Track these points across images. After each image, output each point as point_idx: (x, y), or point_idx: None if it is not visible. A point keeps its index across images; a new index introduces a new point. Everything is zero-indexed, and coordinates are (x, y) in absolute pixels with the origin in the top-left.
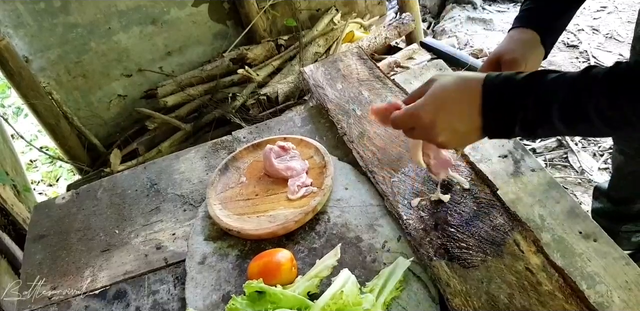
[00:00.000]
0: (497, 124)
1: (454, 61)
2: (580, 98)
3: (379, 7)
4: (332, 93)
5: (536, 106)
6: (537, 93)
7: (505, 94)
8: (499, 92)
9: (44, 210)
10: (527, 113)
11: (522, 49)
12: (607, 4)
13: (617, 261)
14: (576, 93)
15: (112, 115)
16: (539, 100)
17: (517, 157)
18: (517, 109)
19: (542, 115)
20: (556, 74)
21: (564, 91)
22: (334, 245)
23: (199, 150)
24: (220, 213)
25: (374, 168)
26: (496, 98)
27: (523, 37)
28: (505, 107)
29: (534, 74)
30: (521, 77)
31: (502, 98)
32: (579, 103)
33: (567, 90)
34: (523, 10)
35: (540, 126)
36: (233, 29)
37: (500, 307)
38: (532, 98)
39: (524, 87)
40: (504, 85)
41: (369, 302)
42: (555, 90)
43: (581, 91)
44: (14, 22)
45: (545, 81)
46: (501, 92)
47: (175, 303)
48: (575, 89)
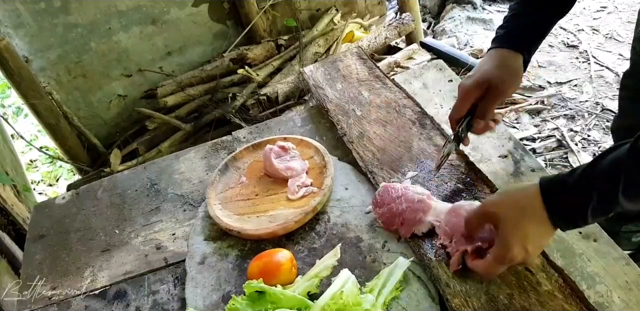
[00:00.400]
0: (569, 225)
1: (454, 61)
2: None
3: (379, 7)
4: (332, 94)
5: (601, 200)
6: (598, 190)
7: (568, 201)
8: (561, 202)
9: (44, 210)
10: (596, 210)
11: (510, 76)
12: (607, 4)
13: (617, 261)
14: (634, 173)
15: (112, 115)
16: (602, 195)
17: (517, 157)
18: (585, 211)
19: (610, 204)
20: (604, 160)
21: (620, 174)
22: (334, 245)
23: (199, 150)
24: (220, 213)
25: (374, 169)
26: (561, 208)
27: (510, 64)
28: (573, 212)
29: (585, 172)
30: (574, 178)
31: (566, 206)
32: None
33: (623, 173)
34: (508, 29)
35: (610, 210)
36: (233, 29)
37: (500, 307)
38: (595, 195)
39: (582, 188)
40: (563, 191)
41: (369, 302)
42: (613, 177)
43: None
44: (14, 22)
45: (597, 173)
46: (563, 200)
47: (175, 303)
48: (630, 170)
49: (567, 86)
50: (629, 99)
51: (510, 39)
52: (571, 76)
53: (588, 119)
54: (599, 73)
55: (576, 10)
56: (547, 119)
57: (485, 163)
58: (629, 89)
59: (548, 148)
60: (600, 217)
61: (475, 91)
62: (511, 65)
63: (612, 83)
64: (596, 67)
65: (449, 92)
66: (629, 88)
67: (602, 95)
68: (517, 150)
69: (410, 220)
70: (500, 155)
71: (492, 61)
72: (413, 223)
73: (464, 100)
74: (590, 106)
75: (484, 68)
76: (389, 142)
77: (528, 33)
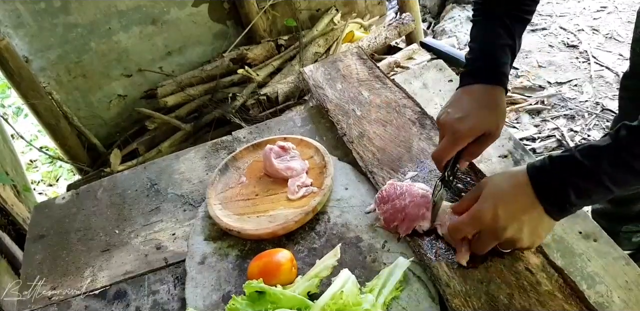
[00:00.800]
0: (555, 201)
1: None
2: (622, 158)
3: (379, 7)
4: (332, 94)
5: (586, 177)
6: (581, 165)
7: (553, 177)
8: (546, 178)
9: (44, 210)
10: (579, 185)
11: (502, 118)
12: (607, 4)
13: (617, 261)
14: (617, 155)
15: (112, 115)
16: (584, 171)
17: (517, 157)
18: (568, 185)
19: (595, 183)
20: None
21: (606, 157)
22: (334, 245)
23: (199, 150)
24: (220, 213)
25: (374, 169)
26: (546, 183)
27: (500, 103)
28: (557, 187)
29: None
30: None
31: (551, 181)
32: (624, 163)
33: (608, 156)
34: (485, 58)
35: (595, 192)
36: (233, 29)
37: (500, 307)
38: (578, 171)
39: (568, 166)
40: (550, 170)
41: (369, 302)
42: (599, 161)
43: (620, 151)
44: (14, 22)
45: (583, 155)
46: (549, 177)
47: (175, 303)
48: (615, 153)
49: (567, 86)
50: (629, 100)
51: (492, 72)
52: (571, 76)
53: (588, 119)
54: (599, 73)
55: (576, 10)
56: (547, 119)
57: (485, 163)
58: (629, 90)
59: (548, 148)
60: (586, 199)
61: (470, 137)
62: (501, 105)
63: (612, 83)
64: (596, 67)
65: (449, 92)
66: (628, 89)
67: (602, 95)
68: (517, 150)
69: (413, 216)
70: (500, 155)
71: (483, 102)
72: (415, 218)
73: (456, 144)
74: (590, 106)
75: (476, 111)
76: (389, 141)
77: (504, 60)
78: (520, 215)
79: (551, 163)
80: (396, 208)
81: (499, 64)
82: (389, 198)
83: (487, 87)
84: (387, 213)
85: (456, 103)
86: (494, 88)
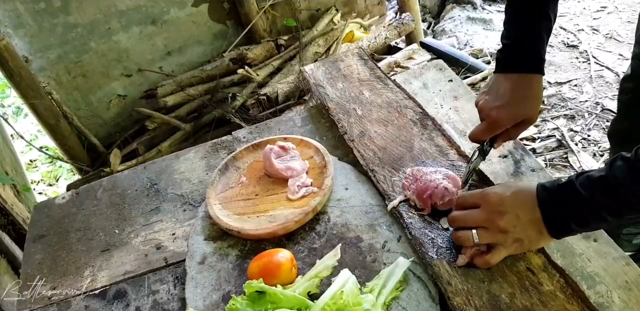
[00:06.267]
0: (557, 225)
1: (454, 61)
2: (616, 189)
3: (378, 7)
4: (332, 93)
5: (583, 206)
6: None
7: (555, 203)
8: (550, 203)
9: (44, 210)
10: (577, 214)
11: (539, 104)
12: (607, 4)
13: (617, 261)
14: (610, 187)
15: (112, 115)
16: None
17: (517, 157)
18: (568, 214)
19: (591, 213)
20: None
21: (599, 188)
22: (334, 245)
23: (199, 150)
24: (220, 213)
25: (375, 168)
26: (550, 207)
27: (539, 91)
28: (559, 213)
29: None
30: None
31: (553, 207)
32: (617, 194)
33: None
34: (523, 46)
35: (592, 221)
36: (233, 29)
37: (502, 306)
38: (578, 200)
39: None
40: (553, 196)
41: (369, 302)
42: (594, 192)
43: (613, 183)
44: (14, 22)
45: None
46: (552, 202)
47: (175, 303)
48: (608, 185)
49: (567, 86)
50: (628, 101)
51: (530, 60)
52: (571, 76)
53: (588, 119)
54: (599, 73)
55: (576, 10)
56: (547, 119)
57: (485, 163)
58: (629, 92)
59: (548, 148)
60: (585, 227)
61: (509, 123)
62: (539, 92)
63: (612, 83)
64: (596, 67)
65: (449, 92)
66: (628, 91)
67: (602, 95)
68: (517, 150)
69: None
70: (500, 155)
71: (521, 91)
72: (445, 194)
73: (494, 130)
74: (590, 106)
75: (515, 100)
76: (390, 141)
77: (541, 44)
78: (522, 212)
79: (556, 189)
80: (428, 180)
81: (535, 50)
82: (416, 177)
83: (526, 76)
84: (420, 185)
85: (495, 89)
86: (532, 76)
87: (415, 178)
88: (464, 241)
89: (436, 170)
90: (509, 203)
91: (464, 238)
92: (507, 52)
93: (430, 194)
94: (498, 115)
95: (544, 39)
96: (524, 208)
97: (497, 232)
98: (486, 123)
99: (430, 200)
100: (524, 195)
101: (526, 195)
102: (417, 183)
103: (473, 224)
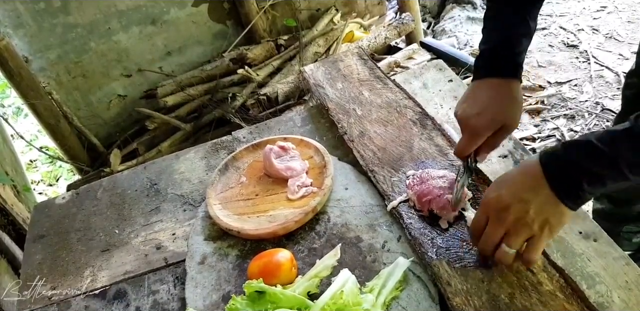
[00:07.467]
0: (566, 187)
1: (453, 61)
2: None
3: (378, 7)
4: (332, 93)
5: (602, 162)
6: (597, 149)
7: (565, 162)
8: (558, 163)
9: (44, 210)
10: (594, 170)
11: (519, 111)
12: (607, 4)
13: (617, 261)
14: (637, 140)
15: (112, 115)
16: (599, 155)
17: (517, 157)
18: (580, 168)
19: (610, 168)
20: (599, 131)
21: (625, 141)
22: (334, 245)
23: (199, 150)
24: (220, 213)
25: (375, 168)
26: (557, 168)
27: (517, 96)
28: (570, 172)
29: (582, 138)
30: (572, 142)
31: (563, 166)
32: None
33: (629, 143)
34: (499, 51)
35: (610, 178)
36: (233, 29)
37: (501, 307)
38: (592, 155)
39: (582, 150)
40: (562, 155)
41: (369, 302)
42: (615, 144)
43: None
44: (14, 22)
45: (599, 139)
46: (559, 157)
47: (175, 303)
48: (634, 137)
49: (567, 86)
50: (632, 96)
51: (507, 65)
52: (571, 76)
53: (588, 119)
54: (599, 73)
55: (576, 10)
56: (547, 119)
57: (485, 163)
58: (633, 87)
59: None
60: (599, 184)
61: (488, 131)
62: (517, 97)
63: (612, 83)
64: (596, 67)
65: (449, 92)
66: (632, 86)
67: (602, 95)
68: (517, 150)
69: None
70: (500, 155)
71: (499, 97)
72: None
73: (475, 140)
74: (590, 106)
75: (493, 106)
76: (389, 141)
77: (519, 50)
78: (524, 195)
79: (564, 148)
80: (431, 184)
81: (513, 55)
82: (422, 180)
83: (503, 81)
84: (424, 188)
85: (472, 97)
86: (510, 81)
87: (421, 180)
88: (507, 260)
89: (444, 175)
90: (507, 194)
91: (503, 257)
92: (484, 58)
93: (430, 200)
94: (476, 123)
95: (523, 45)
96: (525, 186)
97: (518, 228)
98: (468, 134)
99: (428, 205)
100: (521, 173)
101: (524, 171)
102: (422, 185)
103: (497, 239)
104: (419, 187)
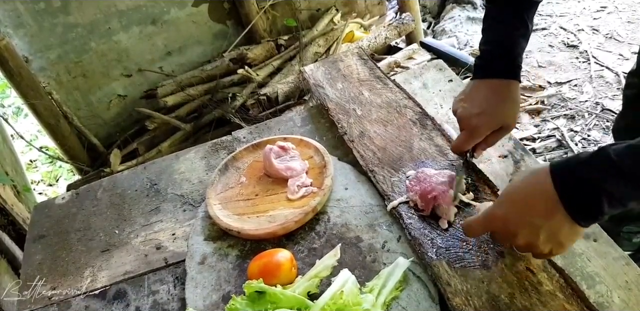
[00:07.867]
0: (584, 209)
1: (454, 61)
2: None
3: (379, 7)
4: (332, 93)
5: (624, 180)
6: (619, 168)
7: (582, 182)
8: (574, 182)
9: (44, 210)
10: (613, 191)
11: (518, 111)
12: (607, 4)
13: (617, 261)
14: None
15: (112, 115)
16: (622, 175)
17: (517, 157)
18: (600, 189)
19: (634, 188)
20: (619, 145)
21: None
22: (334, 245)
23: (199, 150)
24: (220, 213)
25: (375, 168)
26: (574, 187)
27: (515, 97)
28: (588, 193)
29: (600, 152)
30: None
31: (579, 186)
32: None
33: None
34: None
35: (633, 198)
36: (233, 29)
37: (501, 307)
38: (614, 175)
39: (601, 167)
40: (579, 172)
41: (369, 302)
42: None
43: None
44: (14, 22)
45: (619, 153)
46: (576, 175)
47: (175, 303)
48: None
49: (567, 86)
50: (633, 96)
51: (507, 66)
52: (571, 76)
53: (588, 119)
54: (599, 73)
55: (576, 10)
56: (547, 119)
57: (485, 164)
58: (634, 87)
59: (548, 148)
60: (621, 206)
61: (487, 131)
62: (516, 98)
63: (612, 83)
64: (596, 67)
65: (449, 92)
66: (633, 86)
67: (602, 95)
68: (517, 150)
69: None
70: (500, 155)
71: (499, 97)
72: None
73: (474, 138)
74: (590, 106)
75: (493, 106)
76: (389, 141)
77: (518, 51)
78: (535, 220)
79: (579, 163)
80: (432, 181)
81: (513, 57)
82: (420, 179)
83: (503, 82)
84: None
85: (472, 97)
86: (509, 82)
87: (418, 180)
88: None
89: (439, 172)
90: (516, 218)
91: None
92: (484, 58)
93: (436, 196)
94: (476, 122)
95: (522, 46)
96: (536, 210)
97: (527, 249)
98: (467, 132)
99: (434, 201)
100: (531, 191)
101: (533, 189)
102: (421, 184)
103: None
104: (419, 186)
